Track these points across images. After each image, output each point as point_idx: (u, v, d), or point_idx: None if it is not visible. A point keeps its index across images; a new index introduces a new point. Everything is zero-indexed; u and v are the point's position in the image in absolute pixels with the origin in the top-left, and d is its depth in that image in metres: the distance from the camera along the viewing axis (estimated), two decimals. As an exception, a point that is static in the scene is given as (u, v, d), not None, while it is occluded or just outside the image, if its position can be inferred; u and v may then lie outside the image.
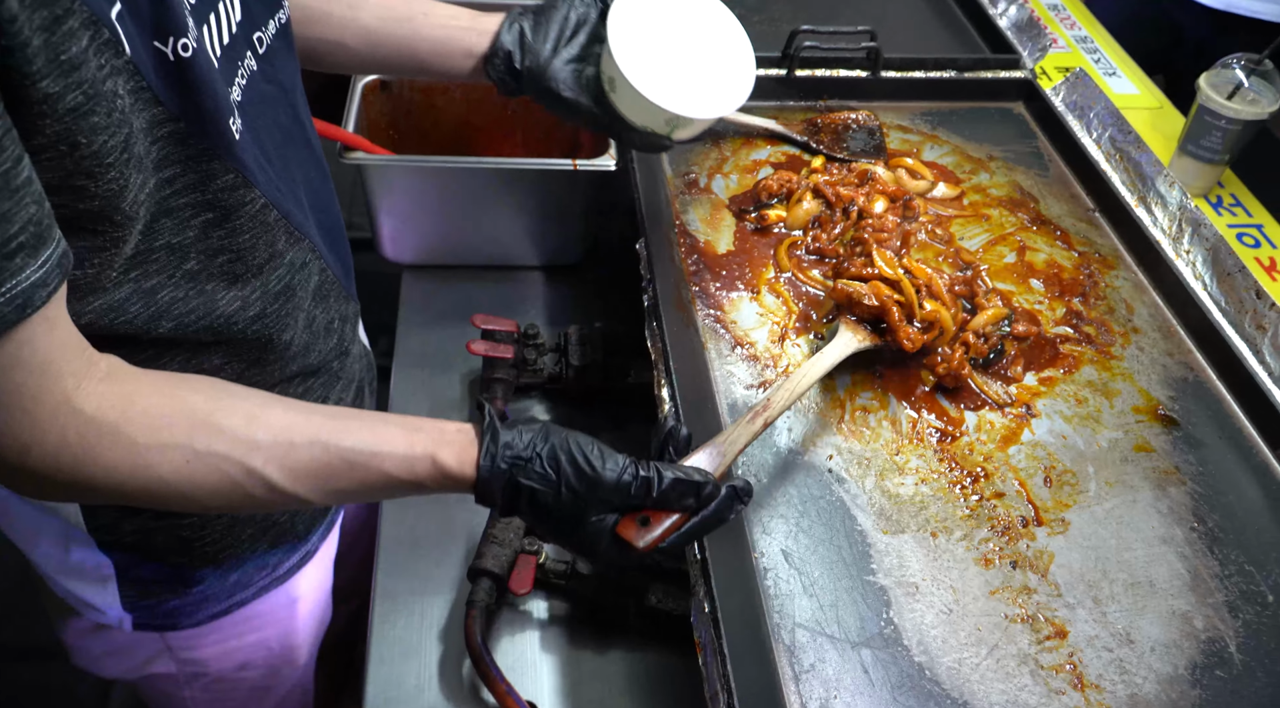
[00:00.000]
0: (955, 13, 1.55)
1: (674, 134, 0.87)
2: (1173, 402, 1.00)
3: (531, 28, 0.87)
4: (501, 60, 0.87)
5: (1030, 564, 0.85)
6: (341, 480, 0.68)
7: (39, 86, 0.52)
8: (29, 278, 0.54)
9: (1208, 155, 1.45)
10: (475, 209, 1.28)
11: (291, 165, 0.78)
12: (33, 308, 0.54)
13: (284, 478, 0.66)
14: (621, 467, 0.70)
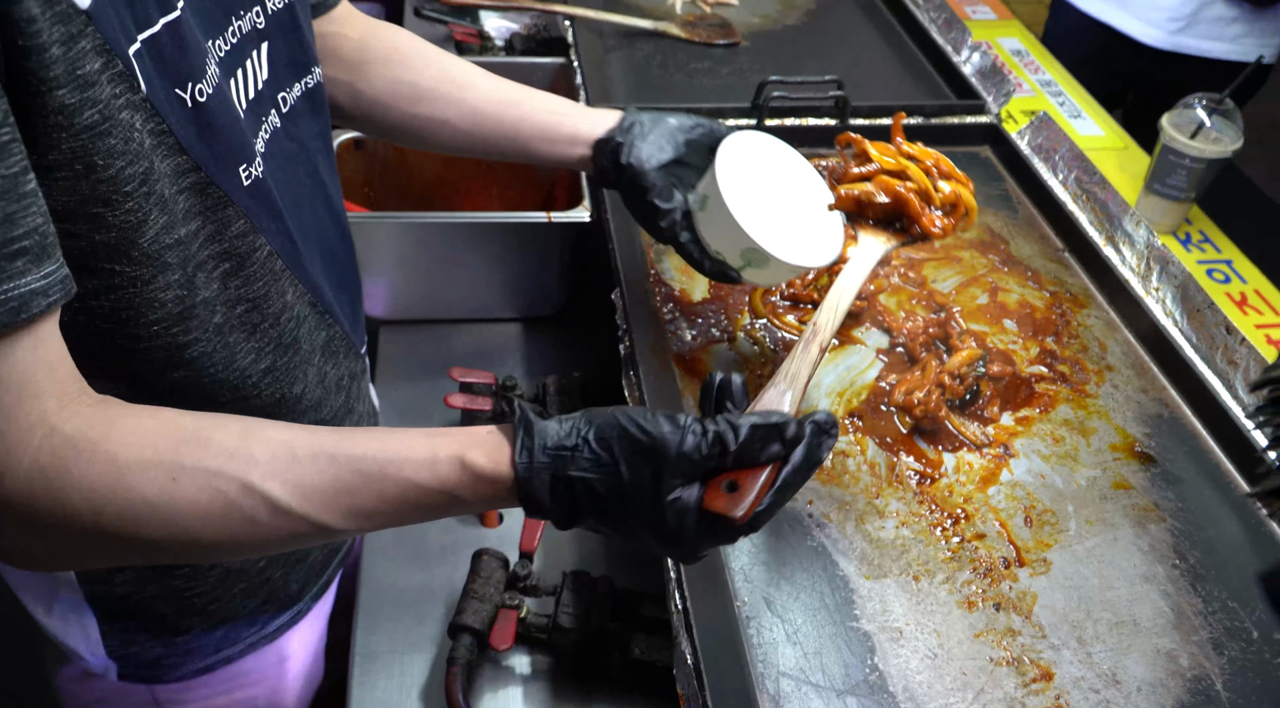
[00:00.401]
0: (920, 61, 1.59)
1: (744, 270, 0.85)
2: (1149, 438, 1.01)
3: (644, 129, 0.88)
4: (611, 151, 0.88)
5: (1014, 606, 0.85)
6: (359, 496, 0.60)
7: (55, 95, 0.52)
8: (29, 284, 0.52)
9: (1174, 193, 1.48)
10: (452, 263, 1.28)
11: (306, 221, 0.79)
12: (27, 314, 0.52)
13: (289, 495, 0.58)
14: (685, 426, 0.60)
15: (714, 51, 1.57)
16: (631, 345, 1.00)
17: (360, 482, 0.60)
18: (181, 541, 0.59)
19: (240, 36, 0.69)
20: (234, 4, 0.68)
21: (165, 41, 0.59)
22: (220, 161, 0.65)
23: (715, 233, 0.85)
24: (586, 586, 0.98)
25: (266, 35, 0.72)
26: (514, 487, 0.61)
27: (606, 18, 1.56)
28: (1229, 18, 1.90)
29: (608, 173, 0.89)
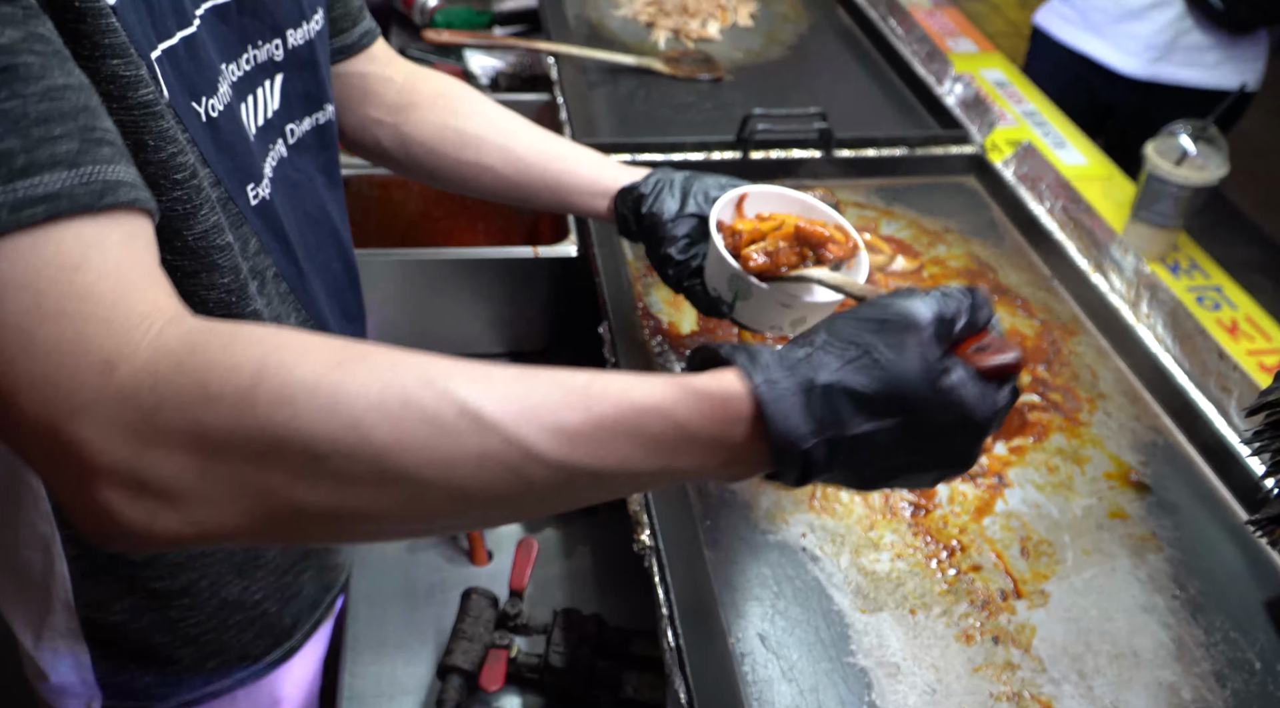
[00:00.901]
0: (903, 93, 1.59)
1: (736, 306, 0.83)
2: (1144, 466, 1.00)
3: (671, 187, 0.88)
4: (633, 200, 0.88)
5: (1012, 639, 0.83)
6: (563, 408, 0.48)
7: (109, 63, 0.51)
8: (115, 173, 0.47)
9: (1161, 220, 1.48)
10: (438, 300, 1.27)
11: (311, 250, 0.79)
12: (113, 199, 0.47)
13: (481, 396, 0.47)
14: (919, 294, 0.53)
15: (698, 86, 1.57)
16: (620, 379, 0.99)
17: (563, 394, 0.49)
18: (350, 441, 0.45)
19: (255, 64, 0.70)
20: (251, 33, 0.69)
21: (183, 55, 0.59)
22: (232, 178, 0.65)
23: (711, 270, 0.84)
24: (577, 624, 0.96)
25: (283, 68, 0.73)
26: (754, 412, 0.50)
27: (590, 54, 1.57)
28: (1206, 46, 1.92)
29: (629, 221, 0.89)
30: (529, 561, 1.02)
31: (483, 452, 0.47)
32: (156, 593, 0.79)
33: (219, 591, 0.81)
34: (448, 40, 1.64)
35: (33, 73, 0.46)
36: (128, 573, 0.77)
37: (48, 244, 0.45)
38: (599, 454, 0.49)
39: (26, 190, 0.45)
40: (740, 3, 1.84)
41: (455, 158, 0.91)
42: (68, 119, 0.47)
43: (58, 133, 0.46)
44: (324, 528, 0.49)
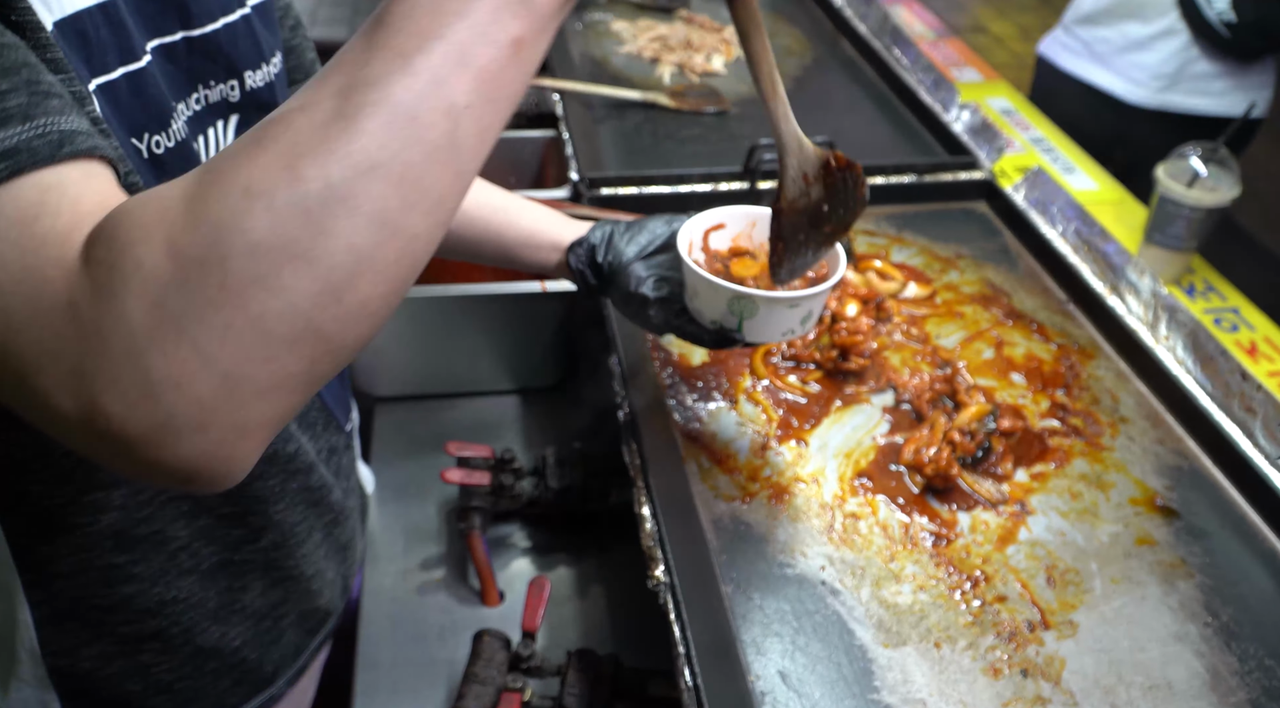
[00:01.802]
0: (910, 121, 1.59)
1: (744, 326, 0.81)
2: (1169, 491, 0.97)
3: (621, 232, 0.89)
4: (585, 251, 0.88)
5: (1041, 672, 0.80)
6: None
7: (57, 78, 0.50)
8: (70, 123, 0.46)
9: (1174, 243, 1.46)
10: (446, 337, 1.26)
11: None
12: (72, 147, 0.45)
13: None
14: None
15: (703, 119, 1.57)
16: (631, 413, 0.98)
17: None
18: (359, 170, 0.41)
19: (206, 105, 0.69)
20: (203, 73, 0.68)
21: (123, 90, 0.58)
22: None
23: (701, 302, 0.82)
24: (592, 665, 0.94)
25: (239, 109, 0.72)
26: None
27: (595, 90, 1.57)
28: (1213, 74, 1.91)
29: (586, 276, 0.89)
30: (541, 600, 0.99)
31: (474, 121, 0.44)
32: (126, 638, 0.76)
33: (193, 637, 0.79)
34: (453, 80, 1.64)
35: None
36: (95, 618, 0.75)
37: (5, 201, 0.43)
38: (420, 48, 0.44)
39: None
40: (744, 37, 1.85)
41: None
42: (11, 74, 0.46)
43: (4, 87, 0.45)
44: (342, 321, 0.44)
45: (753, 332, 0.81)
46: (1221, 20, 1.81)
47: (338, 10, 4.43)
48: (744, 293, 0.78)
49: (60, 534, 0.70)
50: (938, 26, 2.36)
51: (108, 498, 0.70)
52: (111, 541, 0.71)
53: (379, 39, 0.44)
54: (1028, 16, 5.12)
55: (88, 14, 0.56)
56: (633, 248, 0.87)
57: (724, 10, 1.96)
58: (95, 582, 0.73)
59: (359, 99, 0.42)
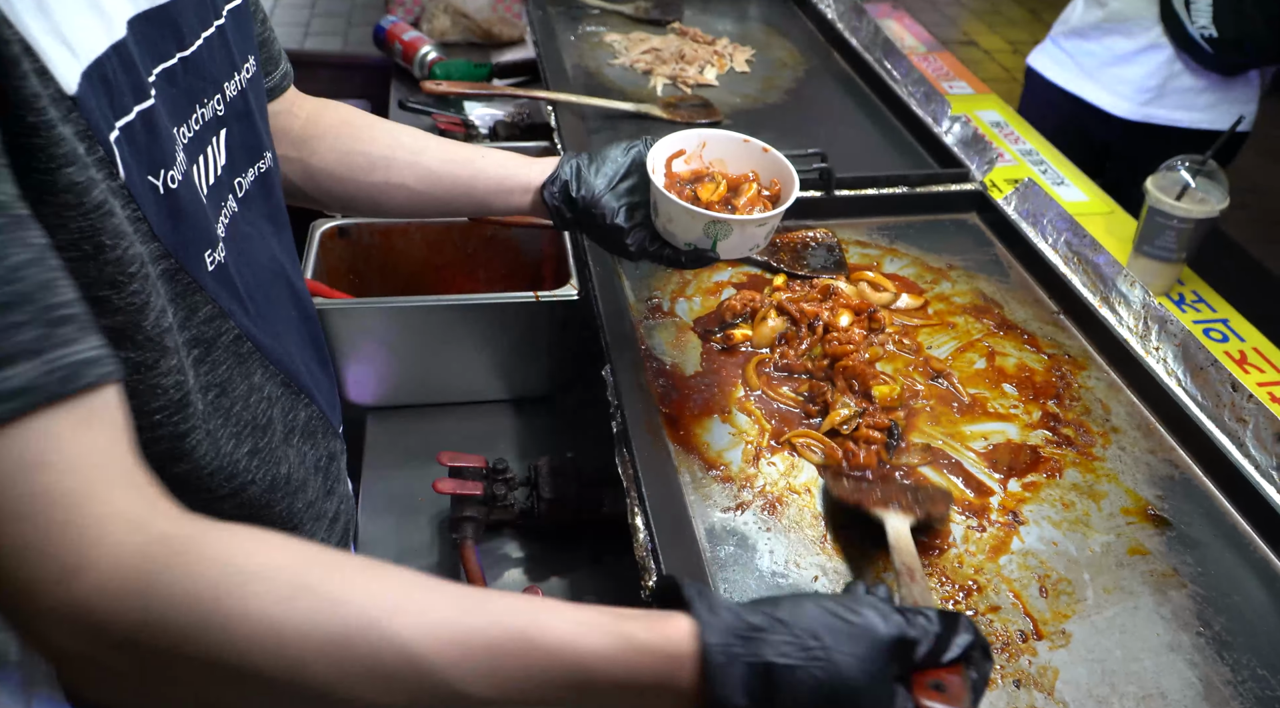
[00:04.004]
0: (901, 133, 1.60)
1: (718, 246, 0.89)
2: (1161, 501, 0.97)
3: (587, 164, 0.92)
4: (559, 189, 0.91)
5: (1035, 682, 0.80)
6: (500, 658, 0.51)
7: (65, 172, 0.51)
8: (79, 353, 0.48)
9: (1164, 255, 1.47)
10: (439, 347, 1.26)
11: (273, 303, 0.79)
12: (76, 384, 0.47)
13: (426, 644, 0.49)
14: (888, 612, 0.56)
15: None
16: (624, 422, 0.98)
17: (502, 638, 0.51)
18: (293, 680, 0.49)
19: (203, 124, 0.69)
20: (197, 92, 0.68)
21: (139, 129, 0.59)
22: (189, 248, 0.64)
23: (677, 227, 0.88)
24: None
25: (224, 122, 0.72)
26: (695, 669, 0.52)
27: (588, 102, 1.57)
28: (1198, 89, 1.93)
29: (562, 211, 0.91)
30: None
31: (417, 690, 0.50)
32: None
33: None
34: (447, 91, 1.65)
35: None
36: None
37: (14, 442, 0.46)
38: (528, 698, 0.52)
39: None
40: (737, 49, 1.86)
41: (366, 182, 0.92)
42: (29, 302, 0.47)
43: (19, 319, 0.46)
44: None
45: (726, 250, 0.89)
46: (1204, 36, 1.83)
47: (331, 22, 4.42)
48: (720, 218, 0.86)
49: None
50: (928, 40, 2.38)
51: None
52: None
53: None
54: (1017, 30, 5.16)
55: (106, 57, 0.56)
56: (601, 180, 0.90)
57: (717, 23, 1.98)
58: None
59: None
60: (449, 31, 2.17)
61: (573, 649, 0.52)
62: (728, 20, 2.00)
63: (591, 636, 0.52)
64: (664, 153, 0.93)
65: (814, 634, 0.54)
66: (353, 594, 0.50)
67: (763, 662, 0.52)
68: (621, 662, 0.52)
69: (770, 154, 0.95)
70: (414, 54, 2.01)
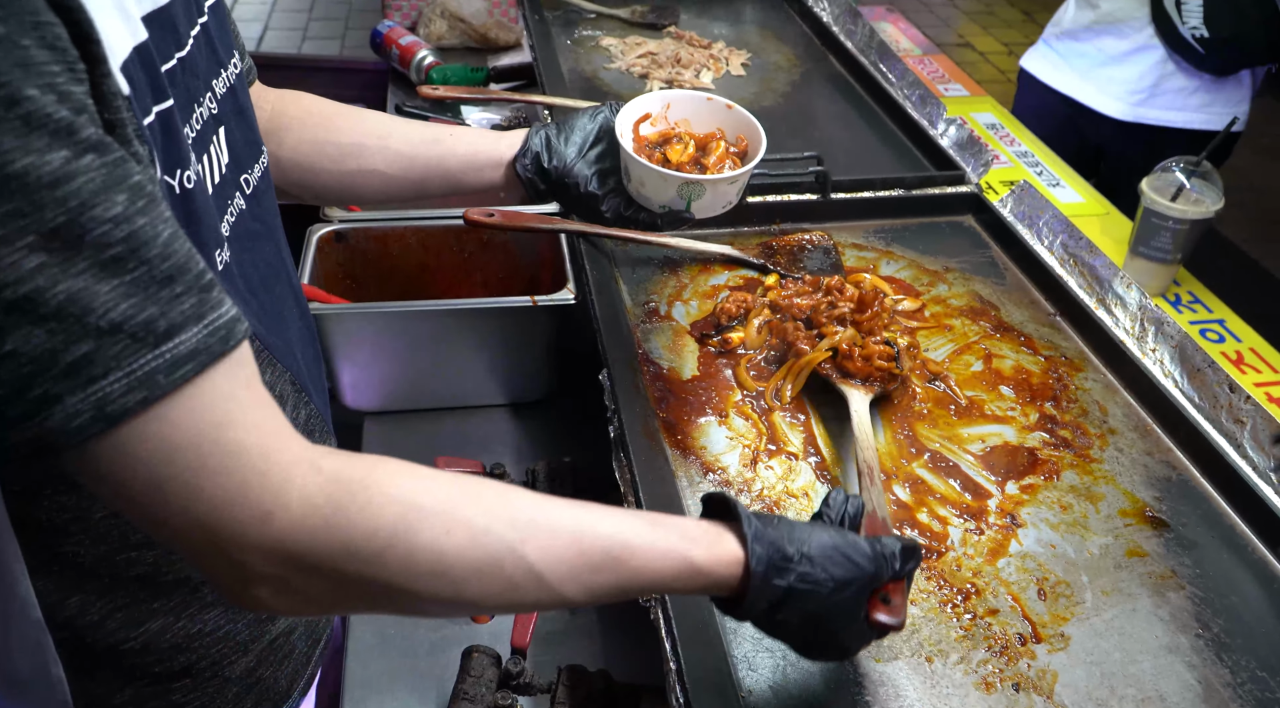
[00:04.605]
0: (897, 136, 1.60)
1: (693, 206, 0.90)
2: (1159, 502, 0.97)
3: (556, 134, 0.93)
4: (531, 160, 0.92)
5: (1034, 686, 0.80)
6: (598, 575, 0.62)
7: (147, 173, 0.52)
8: (227, 312, 0.53)
9: (1159, 256, 1.47)
10: (436, 351, 1.26)
11: (277, 300, 0.79)
12: (235, 340, 0.53)
13: (545, 565, 0.60)
14: (874, 551, 0.69)
15: (693, 134, 1.58)
16: (621, 426, 0.98)
17: (600, 561, 0.62)
18: (445, 593, 0.59)
19: (203, 123, 0.68)
20: (195, 91, 0.67)
21: (159, 130, 0.59)
22: (202, 248, 0.64)
23: (650, 190, 0.89)
24: (582, 681, 0.93)
25: (221, 120, 0.72)
26: (737, 588, 0.66)
27: (585, 105, 1.57)
28: (1190, 89, 1.93)
29: (535, 183, 0.92)
30: (531, 616, 0.99)
31: (536, 599, 0.62)
32: (159, 677, 0.76)
33: (220, 670, 0.79)
34: (443, 96, 1.64)
35: (147, 236, 0.50)
36: (127, 663, 0.74)
37: (199, 402, 0.52)
38: (612, 599, 0.65)
39: (173, 352, 0.51)
40: (732, 53, 1.86)
41: (338, 170, 0.93)
42: (184, 273, 0.52)
43: (180, 290, 0.52)
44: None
45: (701, 209, 0.91)
46: (1195, 36, 1.83)
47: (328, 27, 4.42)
48: (693, 179, 0.88)
49: (89, 584, 0.70)
50: (924, 43, 2.38)
51: (140, 556, 0.70)
52: (138, 584, 0.71)
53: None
54: (1012, 32, 5.16)
55: (131, 59, 0.56)
56: (571, 149, 0.92)
57: (713, 27, 1.98)
58: (124, 624, 0.72)
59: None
60: (446, 36, 2.17)
61: (651, 571, 0.64)
62: (723, 24, 2.01)
63: (667, 562, 0.64)
64: (631, 117, 0.94)
65: (825, 569, 0.66)
66: (494, 524, 0.59)
67: (786, 587, 0.66)
68: (685, 581, 0.65)
69: (735, 111, 0.96)
70: (411, 58, 2.01)
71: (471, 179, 0.95)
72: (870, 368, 1.03)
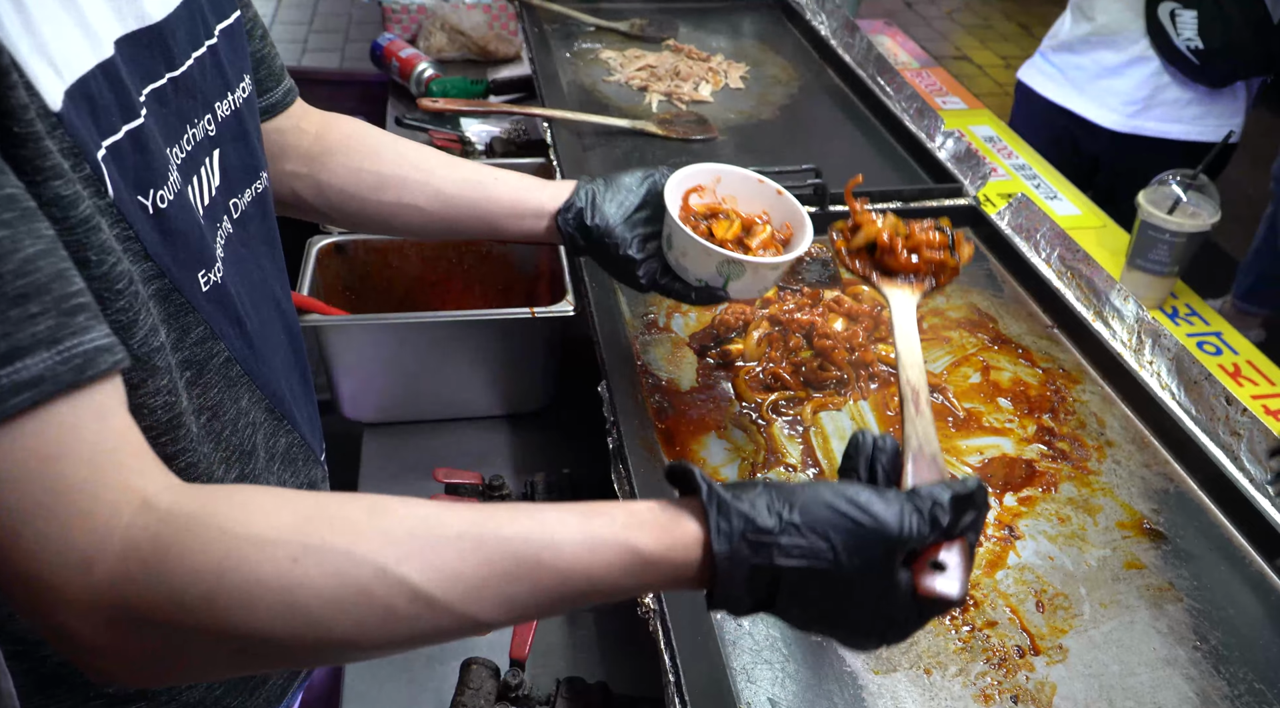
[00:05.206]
0: (895, 148, 1.61)
1: (729, 286, 0.87)
2: (1157, 514, 0.98)
3: (602, 191, 0.90)
4: (574, 216, 0.89)
5: (1032, 698, 0.80)
6: (511, 584, 0.53)
7: (51, 186, 0.50)
8: (92, 341, 0.49)
9: (1157, 268, 1.48)
10: (435, 363, 1.26)
11: (265, 326, 0.78)
12: (93, 371, 0.48)
13: (431, 582, 0.51)
14: (900, 504, 0.56)
15: (692, 146, 1.58)
16: (620, 438, 0.98)
17: (512, 567, 0.52)
18: (306, 635, 0.50)
19: (195, 144, 0.68)
20: (188, 112, 0.67)
21: (128, 148, 0.58)
22: (182, 268, 0.64)
23: (689, 261, 0.87)
24: (582, 693, 0.93)
25: (217, 143, 0.72)
26: (701, 575, 0.55)
27: (584, 118, 1.58)
28: (1185, 100, 1.94)
29: (576, 239, 0.90)
30: (530, 628, 0.99)
31: (435, 628, 0.53)
32: (112, 699, 0.75)
33: (179, 693, 0.77)
34: (443, 108, 1.66)
35: (4, 249, 0.46)
36: (81, 681, 0.73)
37: (30, 434, 0.47)
38: (540, 614, 0.55)
39: (11, 377, 0.46)
40: (731, 66, 1.87)
41: (376, 200, 0.91)
42: (43, 293, 0.47)
43: (35, 311, 0.47)
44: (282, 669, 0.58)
45: (737, 291, 0.88)
46: (1190, 48, 1.84)
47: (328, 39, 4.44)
48: (736, 259, 0.85)
49: None
50: (921, 56, 2.39)
51: None
52: None
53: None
54: (1009, 45, 5.19)
55: (91, 76, 0.56)
56: (615, 208, 0.89)
57: (711, 40, 1.99)
58: None
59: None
60: (445, 48, 2.18)
61: (584, 570, 0.53)
62: (722, 37, 2.02)
63: (601, 555, 0.54)
64: (682, 186, 0.91)
65: (824, 536, 0.54)
66: (358, 546, 0.51)
67: (771, 565, 0.54)
68: (631, 574, 0.54)
69: (784, 197, 0.93)
70: (411, 71, 2.02)
71: (511, 226, 0.92)
72: (918, 264, 0.89)
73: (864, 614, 0.57)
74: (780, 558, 0.54)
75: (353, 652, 0.54)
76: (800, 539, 0.54)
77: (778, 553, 0.54)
